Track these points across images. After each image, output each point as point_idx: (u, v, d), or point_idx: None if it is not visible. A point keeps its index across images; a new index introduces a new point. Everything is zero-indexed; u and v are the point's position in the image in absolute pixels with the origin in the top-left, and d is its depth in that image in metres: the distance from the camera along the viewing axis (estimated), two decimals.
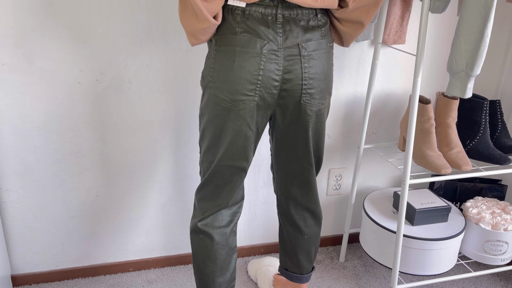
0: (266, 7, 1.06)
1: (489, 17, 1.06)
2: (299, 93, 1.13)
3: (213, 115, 1.16)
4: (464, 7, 1.08)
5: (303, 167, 1.29)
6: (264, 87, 1.10)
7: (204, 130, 1.21)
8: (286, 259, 1.49)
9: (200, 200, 1.30)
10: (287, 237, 1.44)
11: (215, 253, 1.29)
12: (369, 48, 1.67)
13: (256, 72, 1.08)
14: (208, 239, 1.28)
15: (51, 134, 1.50)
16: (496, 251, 1.62)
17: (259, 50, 1.07)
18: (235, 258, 1.36)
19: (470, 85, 1.15)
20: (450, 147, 1.54)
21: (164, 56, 1.49)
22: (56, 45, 1.39)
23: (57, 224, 1.64)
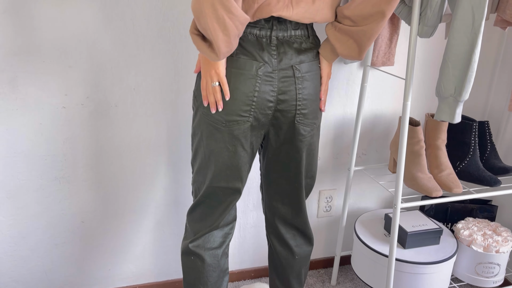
0: (261, 29, 1.07)
1: (476, 43, 1.06)
2: (293, 114, 1.14)
3: (206, 135, 1.15)
4: (452, 33, 1.08)
5: (293, 188, 1.28)
6: (259, 108, 1.10)
7: (197, 150, 1.20)
8: (277, 282, 1.46)
9: (192, 220, 1.28)
10: (277, 259, 1.41)
11: (206, 275, 1.27)
12: (358, 69, 1.66)
13: (251, 93, 1.08)
14: (199, 261, 1.26)
15: (35, 160, 1.46)
16: (488, 273, 1.61)
17: (255, 72, 1.07)
18: (227, 280, 1.34)
19: (458, 110, 1.15)
20: (440, 169, 1.53)
21: (151, 79, 1.47)
22: (41, 70, 1.36)
23: (40, 252, 1.58)
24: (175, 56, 1.46)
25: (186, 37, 1.45)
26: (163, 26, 1.42)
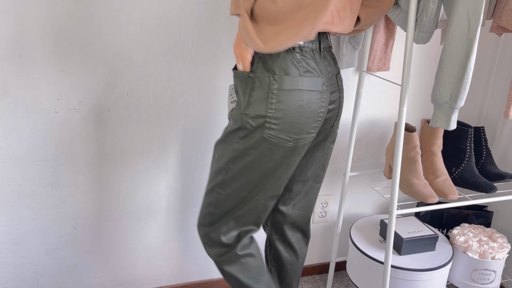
0: (313, 41, 1.07)
1: (472, 50, 1.05)
2: (334, 120, 1.21)
3: (266, 155, 1.09)
4: (447, 40, 1.08)
5: (313, 186, 1.33)
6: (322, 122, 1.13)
7: (244, 170, 1.12)
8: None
9: (227, 231, 1.21)
10: (283, 266, 1.40)
11: (261, 265, 1.27)
12: (353, 75, 1.66)
13: (319, 110, 1.07)
14: (251, 258, 1.23)
15: (26, 165, 1.44)
16: (484, 280, 1.60)
17: (321, 88, 1.07)
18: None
19: (454, 117, 1.14)
20: (436, 175, 1.52)
21: (145, 84, 1.46)
22: (32, 74, 1.34)
23: (31, 258, 1.56)
24: (169, 61, 1.45)
25: (180, 42, 1.44)
26: (157, 31, 1.41)
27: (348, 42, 1.55)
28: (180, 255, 1.74)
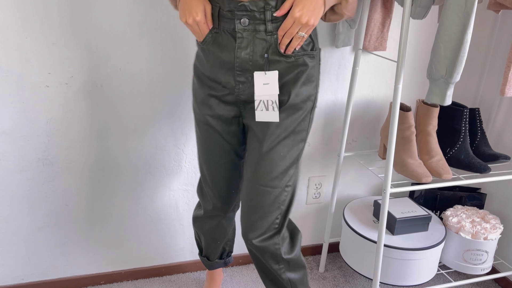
0: None
1: (468, 24, 1.04)
2: None
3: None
4: (444, 14, 1.06)
5: None
6: None
7: (303, 149, 1.16)
8: None
9: None
10: None
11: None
12: (349, 54, 1.64)
13: None
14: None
15: (17, 140, 1.42)
16: (476, 261, 1.60)
17: None
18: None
19: (449, 92, 1.13)
20: (430, 155, 1.52)
21: (138, 60, 1.43)
22: (23, 46, 1.32)
23: (23, 235, 1.55)
24: (163, 36, 1.43)
25: (174, 16, 1.41)
26: (151, 5, 1.38)
27: (344, 20, 1.53)
28: (173, 234, 1.73)
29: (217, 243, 1.47)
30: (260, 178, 1.11)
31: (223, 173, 1.27)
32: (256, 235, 1.14)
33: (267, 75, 1.06)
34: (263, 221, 1.13)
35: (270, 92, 1.06)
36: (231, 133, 1.21)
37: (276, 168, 1.10)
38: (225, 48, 1.07)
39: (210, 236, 1.45)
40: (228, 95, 1.14)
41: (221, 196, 1.32)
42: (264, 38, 1.05)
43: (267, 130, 1.10)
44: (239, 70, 1.08)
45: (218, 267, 1.57)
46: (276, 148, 1.10)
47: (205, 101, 1.17)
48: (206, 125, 1.19)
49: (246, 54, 1.05)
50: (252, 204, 1.13)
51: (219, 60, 1.09)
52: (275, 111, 1.07)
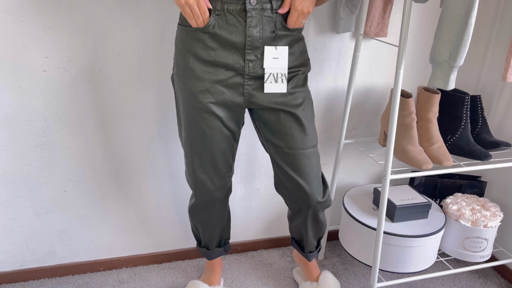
0: None
1: (473, 6, 1.03)
2: None
3: None
4: None
5: None
6: None
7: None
8: None
9: None
10: None
11: None
12: (350, 40, 1.62)
13: None
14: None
15: (14, 125, 1.41)
16: (476, 248, 1.60)
17: None
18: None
19: (453, 76, 1.11)
20: (431, 142, 1.51)
21: (136, 45, 1.42)
22: (20, 30, 1.30)
23: (21, 221, 1.54)
24: (162, 20, 1.41)
25: (172, 1, 1.39)
26: None
27: (345, 5, 1.51)
28: (173, 221, 1.73)
29: (215, 230, 1.47)
30: (300, 143, 1.25)
31: (221, 156, 1.27)
32: (322, 194, 1.35)
33: (277, 50, 1.13)
34: (318, 180, 1.33)
35: (280, 65, 1.15)
36: (232, 118, 1.22)
37: (308, 131, 1.25)
38: (234, 29, 1.10)
39: (208, 224, 1.45)
40: (234, 77, 1.15)
41: (217, 180, 1.32)
42: (270, 15, 1.12)
43: (294, 104, 1.22)
44: (249, 49, 1.12)
45: (218, 255, 1.57)
46: (305, 113, 1.24)
47: (209, 88, 1.16)
48: (207, 113, 1.19)
49: (257, 32, 1.11)
50: (311, 164, 1.29)
51: (227, 42, 1.11)
52: (283, 83, 1.17)
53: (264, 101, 1.19)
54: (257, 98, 1.19)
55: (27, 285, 1.60)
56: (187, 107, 1.20)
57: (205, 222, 1.44)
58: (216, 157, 1.26)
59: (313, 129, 1.28)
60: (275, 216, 1.85)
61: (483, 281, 1.75)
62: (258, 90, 1.18)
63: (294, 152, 1.26)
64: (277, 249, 1.90)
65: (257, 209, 1.81)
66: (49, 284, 1.62)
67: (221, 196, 1.37)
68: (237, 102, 1.19)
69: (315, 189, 1.31)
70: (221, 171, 1.30)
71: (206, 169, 1.28)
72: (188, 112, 1.20)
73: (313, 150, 1.28)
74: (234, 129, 1.25)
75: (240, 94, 1.18)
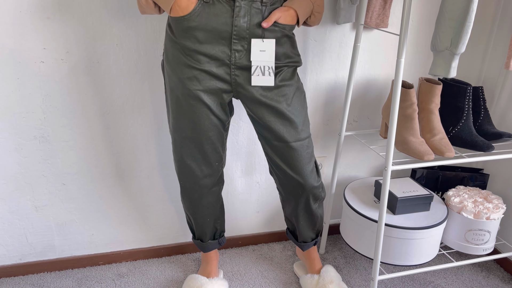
0: None
1: None
2: None
3: None
4: None
5: None
6: None
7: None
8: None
9: None
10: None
11: None
12: (351, 31, 1.61)
13: None
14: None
15: (12, 117, 1.40)
16: (478, 241, 1.59)
17: None
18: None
19: (454, 64, 1.10)
20: (432, 134, 1.49)
21: (135, 35, 1.41)
22: (17, 20, 1.29)
23: (20, 214, 1.53)
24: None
25: None
26: None
27: None
28: (172, 215, 1.71)
29: (206, 221, 1.46)
30: (288, 137, 1.25)
31: (209, 144, 1.27)
32: (317, 178, 1.36)
33: (264, 43, 1.12)
34: (311, 169, 1.33)
35: (267, 58, 1.13)
36: (219, 106, 1.22)
37: (296, 124, 1.25)
38: (221, 17, 1.09)
39: (198, 214, 1.44)
40: (220, 66, 1.15)
41: (205, 167, 1.32)
42: (260, 8, 1.11)
43: (278, 98, 1.22)
44: (236, 39, 1.12)
45: (212, 248, 1.56)
46: (292, 106, 1.24)
47: (196, 75, 1.16)
48: (195, 100, 1.19)
49: (244, 22, 1.10)
50: (299, 158, 1.29)
51: (214, 30, 1.10)
52: (271, 76, 1.15)
53: (250, 92, 1.19)
54: (244, 89, 1.19)
55: (26, 279, 1.59)
56: (175, 93, 1.20)
57: (196, 211, 1.44)
58: (204, 144, 1.26)
59: (302, 122, 1.27)
60: (276, 210, 1.84)
61: (486, 274, 1.74)
62: (245, 82, 1.18)
63: (283, 145, 1.27)
64: (278, 243, 1.88)
65: (258, 202, 1.80)
66: (49, 278, 1.61)
67: (209, 184, 1.37)
68: (225, 89, 1.19)
69: (307, 176, 1.32)
70: (209, 158, 1.30)
71: (194, 156, 1.28)
72: (177, 98, 1.20)
73: (302, 143, 1.28)
74: (223, 117, 1.25)
75: (227, 82, 1.18)
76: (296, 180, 1.32)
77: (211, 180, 1.37)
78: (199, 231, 1.50)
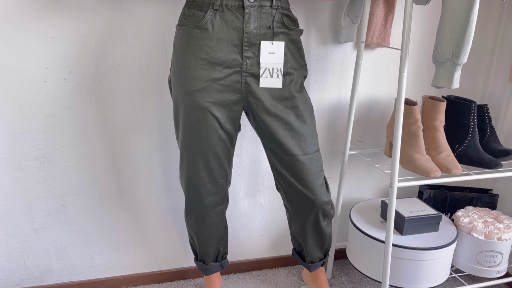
0: None
1: (474, 1, 1.01)
2: None
3: None
4: None
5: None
6: None
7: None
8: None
9: None
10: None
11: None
12: (352, 50, 1.61)
13: None
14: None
15: (14, 137, 1.39)
16: (490, 263, 1.53)
17: None
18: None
19: (456, 75, 1.09)
20: (438, 151, 1.47)
21: (137, 55, 1.42)
22: (21, 40, 1.30)
23: (18, 237, 1.50)
24: (163, 30, 1.41)
25: (174, 11, 1.40)
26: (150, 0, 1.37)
27: (346, 15, 1.51)
28: (174, 238, 1.67)
29: (210, 241, 1.42)
30: (296, 150, 1.22)
31: (216, 160, 1.25)
32: (327, 193, 1.32)
33: (274, 45, 1.13)
34: (321, 184, 1.30)
35: (276, 60, 1.14)
36: (229, 119, 1.21)
37: (305, 137, 1.23)
38: (232, 25, 1.10)
39: (202, 233, 1.40)
40: (232, 74, 1.14)
41: (210, 185, 1.29)
42: (269, 11, 1.12)
43: (287, 110, 1.20)
44: (247, 45, 1.12)
45: (214, 271, 1.51)
46: (301, 119, 1.22)
47: (206, 87, 1.15)
48: (204, 113, 1.17)
49: (254, 29, 1.11)
50: (309, 172, 1.26)
51: (225, 38, 1.11)
52: (279, 78, 1.15)
53: (260, 101, 1.18)
54: (255, 97, 1.18)
55: None
56: (184, 106, 1.19)
57: (199, 231, 1.40)
58: (210, 160, 1.24)
59: (311, 135, 1.25)
60: (281, 233, 1.79)
61: None
62: (256, 89, 1.17)
63: (291, 159, 1.24)
64: (283, 268, 1.83)
65: (262, 225, 1.76)
66: None
67: (214, 202, 1.34)
68: (235, 100, 1.17)
69: (317, 190, 1.28)
70: (215, 175, 1.28)
71: (199, 173, 1.26)
72: (185, 112, 1.19)
73: (311, 157, 1.26)
74: (231, 131, 1.23)
75: (238, 92, 1.16)
76: (305, 195, 1.28)
77: (216, 199, 1.34)
78: (202, 252, 1.46)
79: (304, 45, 1.49)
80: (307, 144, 1.24)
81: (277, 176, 1.31)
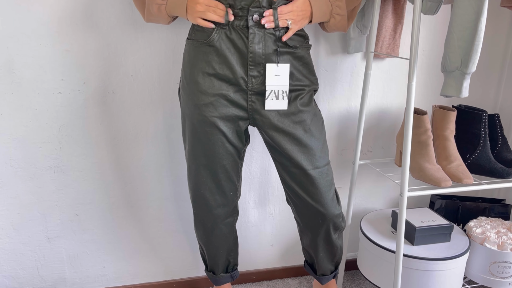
0: None
1: (482, 10, 1.02)
2: None
3: None
4: (456, 2, 1.04)
5: None
6: None
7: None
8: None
9: None
10: None
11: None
12: (362, 61, 1.62)
13: None
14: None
15: (29, 147, 1.42)
16: (504, 274, 1.50)
17: None
18: None
19: (465, 83, 1.09)
20: (449, 161, 1.46)
21: (149, 66, 1.44)
22: (37, 53, 1.34)
23: (32, 245, 1.53)
24: (174, 42, 1.44)
25: (184, 23, 1.43)
26: None
27: (355, 25, 1.52)
28: (185, 247, 1.68)
29: (219, 252, 1.43)
30: (306, 164, 1.22)
31: (224, 173, 1.26)
32: (337, 206, 1.32)
33: (279, 67, 1.13)
34: (332, 197, 1.30)
35: (281, 83, 1.14)
36: (235, 133, 1.22)
37: (314, 151, 1.22)
38: (238, 44, 1.11)
39: (211, 244, 1.41)
40: (237, 92, 1.16)
41: (219, 196, 1.30)
42: (273, 32, 1.13)
43: (295, 125, 1.20)
44: (252, 65, 1.13)
45: (224, 282, 1.51)
46: (309, 133, 1.22)
47: (213, 102, 1.16)
48: (211, 127, 1.19)
49: (259, 48, 1.12)
50: (319, 185, 1.25)
51: (232, 56, 1.12)
52: (284, 100, 1.15)
53: (266, 118, 1.19)
54: (261, 115, 1.19)
55: None
56: (191, 120, 1.20)
57: (209, 242, 1.41)
58: (218, 173, 1.25)
59: (320, 148, 1.25)
60: (291, 243, 1.79)
61: None
62: (262, 107, 1.18)
63: (301, 172, 1.24)
64: (293, 278, 1.82)
65: (272, 235, 1.76)
66: None
67: (223, 214, 1.34)
68: (241, 115, 1.19)
69: (328, 204, 1.28)
70: (223, 187, 1.29)
71: (208, 185, 1.27)
72: (192, 125, 1.21)
73: (320, 170, 1.25)
74: (238, 145, 1.24)
75: (244, 108, 1.18)
76: (316, 208, 1.28)
77: (225, 210, 1.35)
78: (212, 263, 1.47)
79: (314, 55, 1.50)
80: (317, 158, 1.24)
81: (287, 189, 1.32)
